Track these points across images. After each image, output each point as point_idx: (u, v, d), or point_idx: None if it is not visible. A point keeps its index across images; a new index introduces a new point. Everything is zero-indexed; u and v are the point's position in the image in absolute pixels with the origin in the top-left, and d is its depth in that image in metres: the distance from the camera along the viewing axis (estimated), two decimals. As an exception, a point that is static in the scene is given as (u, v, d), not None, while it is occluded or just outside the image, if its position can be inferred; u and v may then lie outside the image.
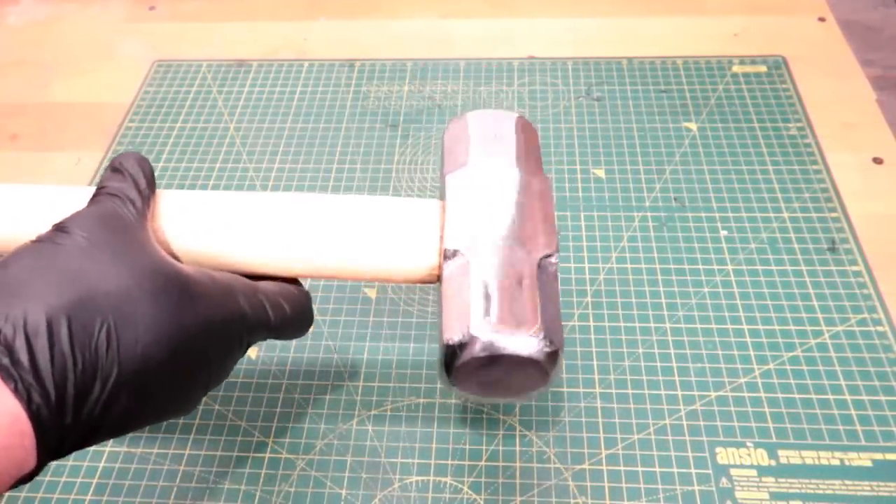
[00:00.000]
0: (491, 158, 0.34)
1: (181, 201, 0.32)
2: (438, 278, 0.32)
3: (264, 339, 0.32)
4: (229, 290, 0.29)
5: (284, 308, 0.31)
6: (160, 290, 0.26)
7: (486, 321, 0.29)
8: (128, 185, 0.30)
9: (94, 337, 0.24)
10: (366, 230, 0.32)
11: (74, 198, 0.31)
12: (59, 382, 0.23)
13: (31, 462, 0.23)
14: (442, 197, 0.33)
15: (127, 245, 0.27)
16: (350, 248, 0.31)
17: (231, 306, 0.29)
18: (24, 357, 0.23)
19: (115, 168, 0.31)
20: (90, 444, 0.25)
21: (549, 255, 0.31)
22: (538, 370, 0.29)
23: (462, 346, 0.29)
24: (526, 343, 0.29)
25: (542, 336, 0.29)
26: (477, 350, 0.29)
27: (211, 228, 0.31)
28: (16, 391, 0.22)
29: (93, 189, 0.31)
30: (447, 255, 0.31)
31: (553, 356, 0.29)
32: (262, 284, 0.31)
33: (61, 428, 0.23)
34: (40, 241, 0.26)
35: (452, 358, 0.29)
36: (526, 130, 0.36)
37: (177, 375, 0.27)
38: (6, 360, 0.22)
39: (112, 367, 0.24)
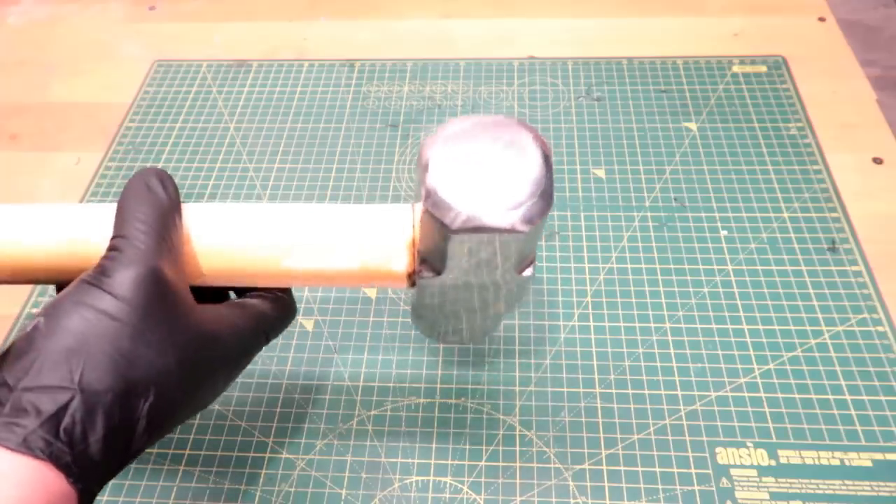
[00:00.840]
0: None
1: (199, 214, 0.32)
2: (411, 283, 0.32)
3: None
4: (244, 332, 0.31)
5: (273, 317, 0.33)
6: (196, 364, 0.28)
7: None
8: (166, 216, 0.29)
9: (136, 417, 0.26)
10: (343, 236, 0.32)
11: (101, 214, 0.31)
12: (103, 462, 0.25)
13: (74, 501, 0.25)
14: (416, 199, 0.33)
15: (171, 319, 0.27)
16: (328, 253, 0.31)
17: (244, 348, 0.31)
18: (80, 449, 0.24)
19: (148, 184, 0.29)
20: None
21: None
22: (536, 162, 0.29)
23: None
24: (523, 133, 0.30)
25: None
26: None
27: (223, 241, 0.31)
28: (74, 483, 0.24)
29: (111, 209, 0.30)
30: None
31: (547, 159, 0.29)
32: (260, 306, 0.32)
33: (95, 490, 0.26)
34: (86, 304, 0.26)
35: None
36: None
37: (192, 414, 0.30)
38: (69, 458, 0.24)
39: (144, 434, 0.26)
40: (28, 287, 0.51)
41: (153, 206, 0.29)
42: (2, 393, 0.24)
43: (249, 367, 0.45)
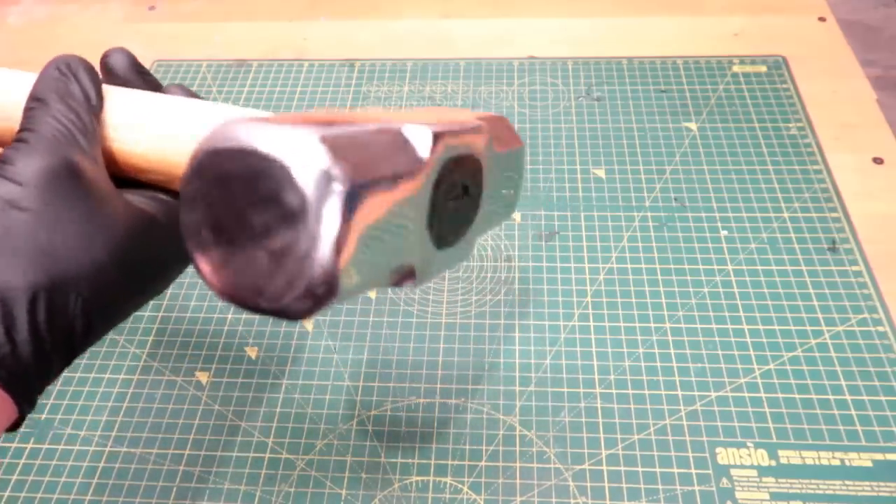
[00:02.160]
0: None
1: (121, 98, 0.29)
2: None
3: None
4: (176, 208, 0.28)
5: None
6: (136, 255, 0.26)
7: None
8: (81, 108, 0.27)
9: (69, 315, 0.24)
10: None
11: (17, 82, 0.29)
12: (36, 364, 0.23)
13: (10, 419, 0.23)
14: None
15: (90, 208, 0.25)
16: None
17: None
18: (4, 351, 0.22)
19: (62, 74, 0.27)
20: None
21: None
22: (293, 200, 0.19)
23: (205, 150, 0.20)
24: (281, 135, 0.19)
25: (319, 137, 0.19)
26: (217, 139, 0.19)
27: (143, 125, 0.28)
28: (5, 387, 0.22)
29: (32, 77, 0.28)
30: None
31: (325, 183, 0.18)
32: None
33: (35, 389, 0.24)
34: None
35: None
36: None
37: (145, 303, 0.28)
38: None
39: (86, 332, 0.25)
40: None
41: (65, 96, 0.26)
42: None
43: (249, 367, 0.45)
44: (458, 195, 0.29)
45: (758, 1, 0.69)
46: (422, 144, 0.24)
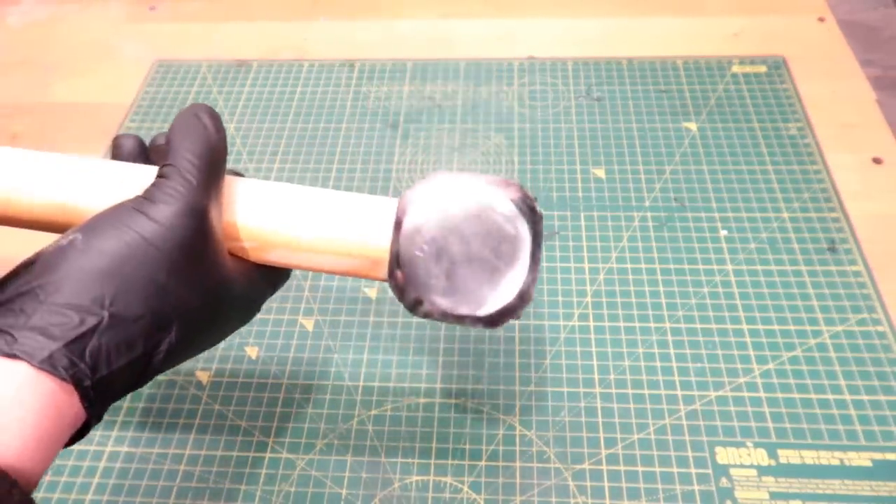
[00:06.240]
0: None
1: (243, 187, 0.31)
2: (391, 277, 0.31)
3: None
4: (256, 280, 0.31)
5: (280, 268, 0.34)
6: (216, 308, 0.28)
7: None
8: (218, 168, 0.29)
9: (157, 350, 0.26)
10: (330, 218, 0.31)
11: (144, 175, 0.30)
12: (116, 391, 0.25)
13: (75, 427, 0.24)
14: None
15: (207, 260, 0.27)
16: (317, 233, 0.31)
17: (256, 296, 0.32)
18: (101, 375, 0.24)
19: (205, 127, 0.29)
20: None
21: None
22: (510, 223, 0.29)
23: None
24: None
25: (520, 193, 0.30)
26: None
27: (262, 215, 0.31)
28: (88, 408, 0.24)
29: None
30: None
31: (532, 211, 0.30)
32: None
33: (106, 405, 0.25)
34: (128, 227, 0.25)
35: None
36: None
37: (196, 355, 0.29)
38: (89, 382, 0.23)
39: (157, 367, 0.26)
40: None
41: (203, 140, 0.28)
42: (28, 303, 0.23)
43: (249, 367, 0.45)
44: None
45: (758, 1, 0.69)
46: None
